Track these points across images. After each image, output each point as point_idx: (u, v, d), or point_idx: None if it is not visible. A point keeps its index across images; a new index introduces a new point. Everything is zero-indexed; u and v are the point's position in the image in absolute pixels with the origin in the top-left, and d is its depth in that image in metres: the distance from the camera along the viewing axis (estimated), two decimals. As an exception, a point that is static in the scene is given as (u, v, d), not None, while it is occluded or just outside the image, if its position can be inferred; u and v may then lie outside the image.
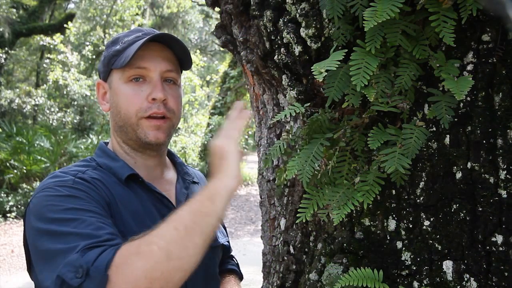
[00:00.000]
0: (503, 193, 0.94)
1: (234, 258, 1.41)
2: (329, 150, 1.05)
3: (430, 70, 0.99)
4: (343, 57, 0.93)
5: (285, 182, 1.37)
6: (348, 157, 1.04)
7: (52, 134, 10.22)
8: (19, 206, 8.64)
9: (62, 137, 10.38)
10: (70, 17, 14.66)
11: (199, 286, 1.10)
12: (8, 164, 9.21)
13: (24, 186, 9.05)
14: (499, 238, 0.94)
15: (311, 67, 0.94)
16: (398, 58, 0.98)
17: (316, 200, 1.02)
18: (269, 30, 1.20)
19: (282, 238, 1.40)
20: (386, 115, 1.06)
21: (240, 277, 1.36)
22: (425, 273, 1.00)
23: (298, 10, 1.11)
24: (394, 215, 1.06)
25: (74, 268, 0.78)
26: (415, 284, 1.01)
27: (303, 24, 1.10)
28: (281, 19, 1.17)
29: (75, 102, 13.10)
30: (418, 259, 1.01)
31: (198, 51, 16.93)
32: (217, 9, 1.50)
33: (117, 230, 0.91)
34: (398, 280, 1.03)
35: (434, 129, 1.01)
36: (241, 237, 8.17)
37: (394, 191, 1.06)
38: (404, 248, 1.03)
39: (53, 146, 9.84)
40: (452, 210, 0.98)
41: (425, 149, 1.01)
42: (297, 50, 1.13)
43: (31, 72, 17.80)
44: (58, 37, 12.67)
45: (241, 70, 3.95)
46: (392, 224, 1.06)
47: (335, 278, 1.08)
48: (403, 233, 1.04)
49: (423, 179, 1.02)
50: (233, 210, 10.30)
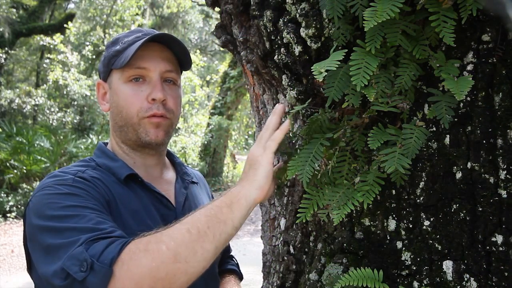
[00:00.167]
0: (503, 193, 0.94)
1: (234, 258, 1.41)
2: (329, 150, 1.05)
3: (430, 70, 0.99)
4: (343, 57, 0.93)
5: (285, 182, 1.37)
6: (348, 157, 1.04)
7: (52, 134, 10.23)
8: (19, 206, 8.64)
9: (62, 137, 10.39)
10: (70, 17, 14.66)
11: (199, 286, 1.10)
12: (8, 164, 9.21)
13: (24, 186, 9.05)
14: (499, 238, 0.94)
15: (311, 67, 0.94)
16: (398, 58, 0.98)
17: (316, 200, 1.02)
18: (269, 30, 1.20)
19: (282, 238, 1.40)
20: (386, 115, 1.06)
21: (240, 277, 1.36)
22: (425, 273, 1.00)
23: (298, 10, 1.11)
24: (394, 215, 1.06)
25: (78, 261, 0.77)
26: (415, 284, 1.01)
27: (303, 24, 1.10)
28: (281, 19, 1.17)
29: (75, 102, 13.10)
30: (418, 259, 1.01)
31: (198, 51, 16.92)
32: (217, 9, 1.50)
33: (117, 226, 0.91)
34: (398, 280, 1.03)
35: (434, 129, 1.01)
36: (241, 237, 8.17)
37: (394, 191, 1.06)
38: (404, 248, 1.03)
39: (53, 146, 9.84)
40: (452, 210, 0.98)
41: (425, 149, 1.01)
42: (297, 50, 1.13)
43: (31, 72, 17.80)
44: (58, 37, 12.67)
45: (241, 70, 3.95)
46: (392, 224, 1.06)
47: (335, 278, 1.08)
48: (403, 233, 1.04)
49: (423, 179, 1.02)
50: (233, 210, 10.28)
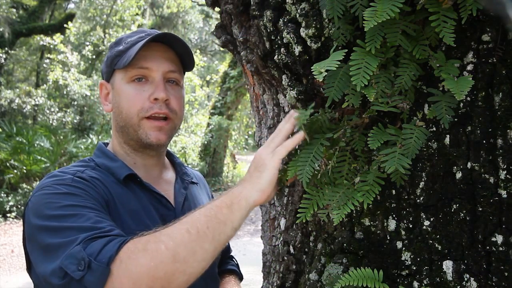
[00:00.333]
0: (503, 193, 0.94)
1: (234, 259, 1.41)
2: (329, 150, 1.05)
3: (430, 70, 0.99)
4: (343, 57, 0.93)
5: (285, 183, 1.37)
6: (348, 157, 1.04)
7: (52, 134, 10.23)
8: (19, 206, 8.64)
9: (62, 137, 10.39)
10: (70, 17, 14.66)
11: (198, 285, 1.10)
12: (8, 164, 9.21)
13: (24, 186, 9.05)
14: (499, 238, 0.94)
15: (311, 67, 0.94)
16: (398, 58, 0.98)
17: (316, 200, 1.02)
18: (269, 30, 1.20)
19: (282, 238, 1.40)
20: (386, 115, 1.06)
21: (240, 277, 1.36)
22: (425, 273, 1.00)
23: (298, 10, 1.11)
24: (394, 215, 1.06)
25: (76, 260, 0.78)
26: (415, 284, 1.01)
27: (303, 24, 1.10)
28: (281, 19, 1.17)
29: (75, 102, 13.10)
30: (418, 259, 1.01)
31: (198, 51, 16.91)
32: (217, 9, 1.50)
33: (115, 225, 0.91)
34: (398, 280, 1.03)
35: (434, 129, 1.01)
36: (241, 237, 8.17)
37: (394, 191, 1.06)
38: (404, 248, 1.03)
39: (53, 146, 9.84)
40: (452, 210, 0.98)
41: (425, 149, 1.01)
42: (297, 50, 1.13)
43: (31, 72, 17.80)
44: (58, 37, 12.67)
45: (241, 70, 3.95)
46: (392, 224, 1.06)
47: (335, 278, 1.08)
48: (403, 233, 1.04)
49: (423, 179, 1.02)
50: (233, 210, 10.28)
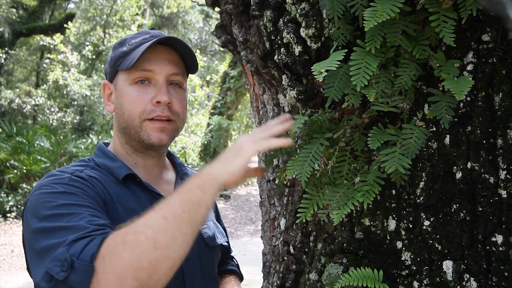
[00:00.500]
0: (503, 193, 0.94)
1: (234, 259, 1.41)
2: (329, 150, 1.05)
3: (430, 70, 0.99)
4: (343, 57, 0.93)
5: (284, 182, 1.37)
6: (348, 157, 1.04)
7: (52, 134, 10.23)
8: (19, 206, 8.64)
9: (62, 137, 10.39)
10: (70, 17, 14.66)
11: (198, 286, 1.10)
12: (8, 164, 9.20)
13: (24, 186, 9.05)
14: (499, 238, 0.94)
15: (311, 67, 0.94)
16: (398, 58, 0.98)
17: (316, 200, 1.02)
18: (269, 30, 1.20)
19: (282, 238, 1.40)
20: (386, 115, 1.06)
21: (240, 277, 1.36)
22: (425, 273, 1.00)
23: (298, 10, 1.11)
24: (394, 215, 1.06)
25: (60, 262, 0.78)
26: (415, 284, 1.01)
27: (303, 24, 1.10)
28: (281, 19, 1.17)
29: (75, 102, 13.10)
30: (418, 259, 1.01)
31: (198, 51, 16.91)
32: (217, 9, 1.50)
33: (111, 224, 0.91)
34: (398, 280, 1.03)
35: (434, 129, 1.01)
36: (241, 237, 8.17)
37: (394, 191, 1.06)
38: (404, 248, 1.03)
39: (53, 146, 9.84)
40: (452, 210, 0.98)
41: (425, 149, 1.01)
42: (297, 50, 1.13)
43: (31, 72, 17.80)
44: (58, 37, 12.67)
45: (241, 70, 3.95)
46: (392, 224, 1.06)
47: (335, 278, 1.08)
48: (403, 233, 1.04)
49: (423, 179, 1.02)
50: (233, 210, 10.29)
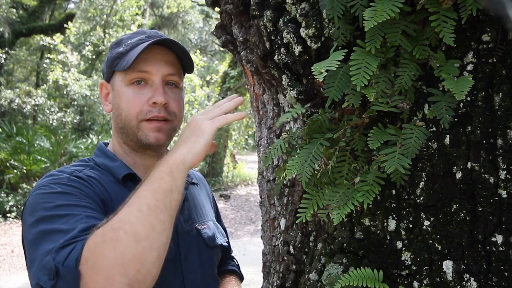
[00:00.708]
0: (503, 193, 0.94)
1: (234, 259, 1.41)
2: (329, 150, 1.05)
3: (430, 70, 0.99)
4: (343, 57, 0.93)
5: (284, 182, 1.37)
6: (348, 157, 1.04)
7: (52, 134, 10.23)
8: (19, 206, 8.63)
9: (62, 137, 10.39)
10: (70, 17, 14.66)
11: (198, 286, 1.10)
12: (8, 164, 9.20)
13: (24, 186, 9.05)
14: (499, 238, 0.94)
15: (311, 67, 0.94)
16: (398, 58, 0.98)
17: (316, 200, 1.02)
18: (269, 30, 1.20)
19: (282, 238, 1.40)
20: (386, 115, 1.06)
21: (240, 278, 1.36)
22: (425, 273, 1.00)
23: (298, 10, 1.11)
24: (394, 215, 1.06)
25: (46, 270, 0.79)
26: (415, 284, 1.01)
27: (303, 24, 1.10)
28: (281, 19, 1.17)
29: (75, 102, 13.10)
30: (418, 259, 1.01)
31: (198, 51, 16.91)
32: (217, 9, 1.50)
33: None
34: (398, 280, 1.03)
35: (434, 129, 1.01)
36: (241, 237, 8.17)
37: (394, 191, 1.06)
38: (404, 248, 1.03)
39: (53, 146, 9.84)
40: (452, 210, 0.98)
41: (425, 149, 1.01)
42: (297, 50, 1.13)
43: (31, 72, 17.80)
44: (58, 37, 12.67)
45: (241, 70, 3.95)
46: (392, 224, 1.06)
47: (335, 278, 1.08)
48: (403, 233, 1.04)
49: (423, 179, 1.02)
50: (233, 210, 10.30)
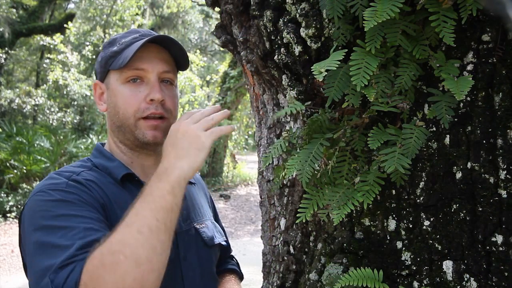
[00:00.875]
0: (503, 193, 0.94)
1: (234, 258, 1.41)
2: (329, 150, 1.05)
3: (430, 70, 0.99)
4: (343, 57, 0.93)
5: (284, 182, 1.37)
6: (348, 157, 1.04)
7: (52, 134, 10.23)
8: (19, 206, 8.63)
9: (62, 137, 10.38)
10: (70, 17, 14.66)
11: (197, 285, 1.10)
12: (8, 164, 9.20)
13: (24, 186, 9.04)
14: (499, 238, 0.94)
15: (311, 67, 0.94)
16: (398, 58, 0.98)
17: (316, 200, 1.02)
18: (269, 30, 1.20)
19: (282, 238, 1.40)
20: (386, 115, 1.06)
21: (240, 277, 1.36)
22: (425, 273, 1.00)
23: (298, 10, 1.11)
24: (394, 215, 1.06)
25: None
26: (415, 284, 1.01)
27: (303, 24, 1.10)
28: (281, 19, 1.17)
29: (75, 102, 13.10)
30: (418, 259, 1.01)
31: (198, 51, 16.91)
32: (217, 9, 1.50)
33: (108, 231, 0.90)
34: (398, 280, 1.03)
35: (434, 129, 1.01)
36: (241, 237, 8.17)
37: (394, 191, 1.06)
38: (404, 248, 1.03)
39: (53, 146, 9.83)
40: (452, 210, 0.98)
41: (425, 149, 1.01)
42: (297, 50, 1.13)
43: (31, 72, 17.80)
44: (58, 37, 12.67)
45: (241, 70, 3.95)
46: (392, 224, 1.06)
47: (335, 278, 1.08)
48: (403, 233, 1.04)
49: (423, 179, 1.02)
50: (233, 210, 10.29)
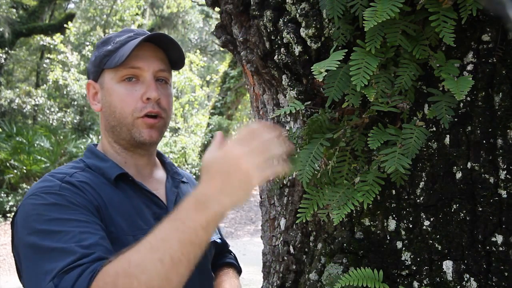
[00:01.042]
0: (503, 193, 0.94)
1: (232, 253, 1.40)
2: (329, 150, 1.05)
3: (430, 70, 0.99)
4: (343, 57, 0.93)
5: (284, 182, 1.37)
6: (348, 157, 1.04)
7: (52, 134, 10.24)
8: (19, 206, 8.63)
9: (62, 137, 10.39)
10: (70, 17, 14.67)
11: (194, 282, 1.09)
12: (8, 164, 9.21)
13: (24, 186, 9.05)
14: (499, 238, 0.94)
15: (311, 67, 0.94)
16: (398, 58, 0.98)
17: (316, 200, 1.02)
18: (269, 30, 1.20)
19: (282, 238, 1.40)
20: (386, 115, 1.06)
21: (238, 270, 1.35)
22: (425, 273, 1.00)
23: (298, 10, 1.11)
24: (394, 215, 1.06)
25: None
26: (415, 284, 1.01)
27: (303, 24, 1.10)
28: (281, 19, 1.17)
29: (75, 102, 13.10)
30: (418, 259, 1.01)
31: (198, 51, 16.91)
32: (217, 9, 1.50)
33: (104, 235, 0.89)
34: (398, 280, 1.03)
35: (434, 129, 1.01)
36: (241, 237, 8.17)
37: (394, 191, 1.06)
38: (404, 248, 1.03)
39: (53, 146, 9.84)
40: (452, 210, 0.98)
41: (425, 149, 1.01)
42: (297, 50, 1.13)
43: (31, 72, 17.80)
44: (58, 37, 12.68)
45: (241, 70, 3.95)
46: (392, 224, 1.06)
47: (335, 278, 1.08)
48: (403, 233, 1.04)
49: (423, 179, 1.02)
50: (233, 210, 10.29)
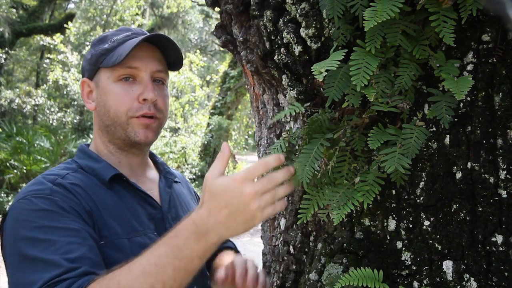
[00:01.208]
0: (503, 193, 0.94)
1: (230, 241, 1.39)
2: (329, 150, 1.05)
3: (430, 70, 0.99)
4: (343, 57, 0.93)
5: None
6: (348, 157, 1.04)
7: (52, 134, 10.23)
8: (19, 206, 8.63)
9: (62, 137, 10.39)
10: (70, 17, 14.66)
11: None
12: (8, 164, 9.20)
13: (24, 186, 9.05)
14: (499, 238, 0.94)
15: (311, 67, 0.94)
16: (398, 58, 0.98)
17: (316, 200, 1.01)
18: (269, 30, 1.20)
19: (282, 238, 1.40)
20: (386, 115, 1.06)
21: (237, 252, 1.35)
22: (425, 273, 1.00)
23: (298, 10, 1.11)
24: (394, 215, 1.06)
25: None
26: (415, 284, 1.01)
27: (303, 24, 1.10)
28: (281, 19, 1.17)
29: (75, 102, 13.10)
30: (418, 259, 1.01)
31: (198, 51, 16.92)
32: (217, 9, 1.50)
33: (94, 244, 0.89)
34: (398, 280, 1.03)
35: (434, 129, 1.01)
36: (241, 237, 8.17)
37: (394, 191, 1.06)
38: (404, 248, 1.03)
39: (53, 146, 9.84)
40: (452, 210, 0.98)
41: (425, 149, 1.01)
42: (297, 50, 1.13)
43: (31, 72, 17.80)
44: (58, 37, 12.68)
45: (241, 70, 3.95)
46: (392, 224, 1.06)
47: (335, 278, 1.08)
48: (403, 233, 1.04)
49: (423, 179, 1.02)
50: (233, 210, 10.27)
